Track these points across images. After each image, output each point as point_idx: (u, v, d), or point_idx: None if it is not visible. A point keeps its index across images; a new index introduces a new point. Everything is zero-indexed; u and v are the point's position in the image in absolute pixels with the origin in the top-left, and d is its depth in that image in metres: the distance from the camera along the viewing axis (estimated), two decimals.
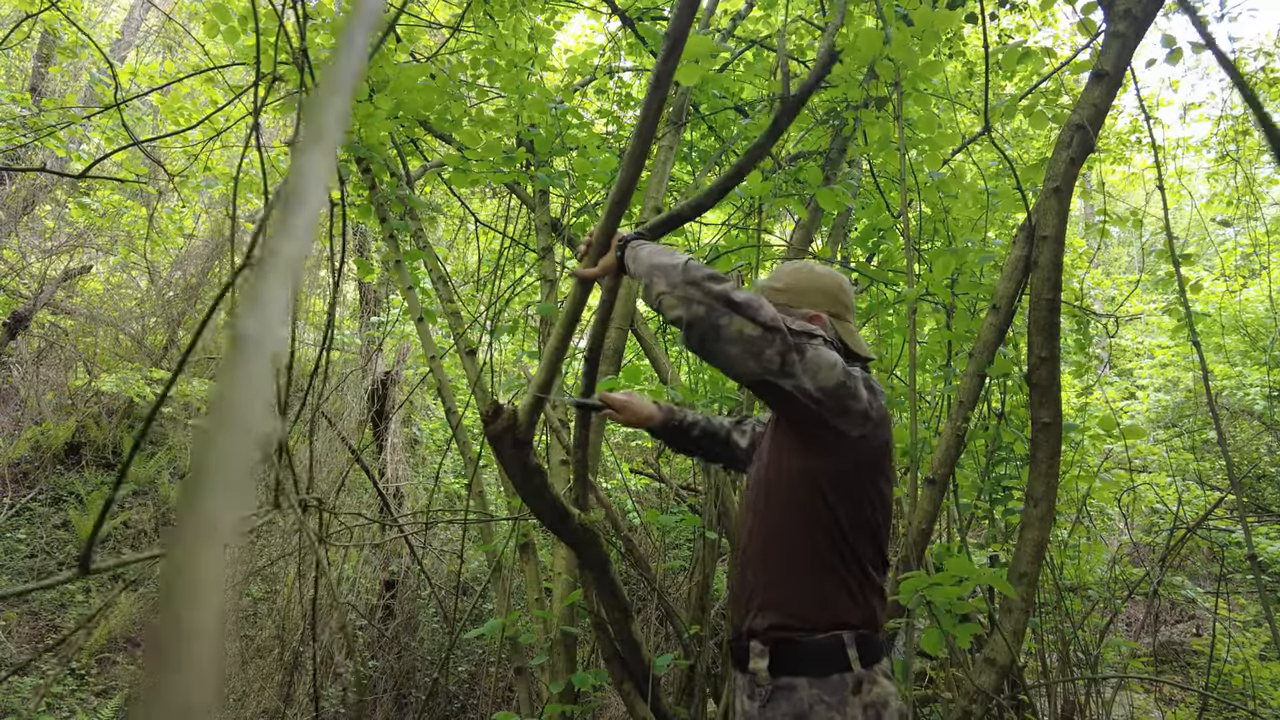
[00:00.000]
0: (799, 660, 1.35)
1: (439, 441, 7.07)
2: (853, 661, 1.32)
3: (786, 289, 1.54)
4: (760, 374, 1.28)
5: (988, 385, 2.88)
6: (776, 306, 1.50)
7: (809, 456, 1.38)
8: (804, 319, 1.48)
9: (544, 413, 2.78)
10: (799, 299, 1.52)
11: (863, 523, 1.38)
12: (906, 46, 2.27)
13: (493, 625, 2.62)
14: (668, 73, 1.33)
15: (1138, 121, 6.56)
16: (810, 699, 1.32)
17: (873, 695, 1.31)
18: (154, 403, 1.55)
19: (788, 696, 1.34)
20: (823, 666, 1.33)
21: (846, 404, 1.33)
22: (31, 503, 5.41)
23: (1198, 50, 2.51)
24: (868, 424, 1.36)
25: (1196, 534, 3.56)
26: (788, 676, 1.35)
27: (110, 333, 6.74)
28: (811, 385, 1.29)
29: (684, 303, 1.31)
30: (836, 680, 1.32)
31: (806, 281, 1.54)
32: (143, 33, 9.02)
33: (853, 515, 1.37)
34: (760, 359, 1.27)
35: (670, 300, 1.33)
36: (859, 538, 1.38)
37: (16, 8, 4.24)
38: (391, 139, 3.19)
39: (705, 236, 4.41)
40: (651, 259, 1.40)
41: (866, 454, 1.38)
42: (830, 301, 1.52)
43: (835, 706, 1.30)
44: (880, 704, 1.31)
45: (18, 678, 4.20)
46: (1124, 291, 6.53)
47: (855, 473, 1.37)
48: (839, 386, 1.32)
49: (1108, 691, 3.53)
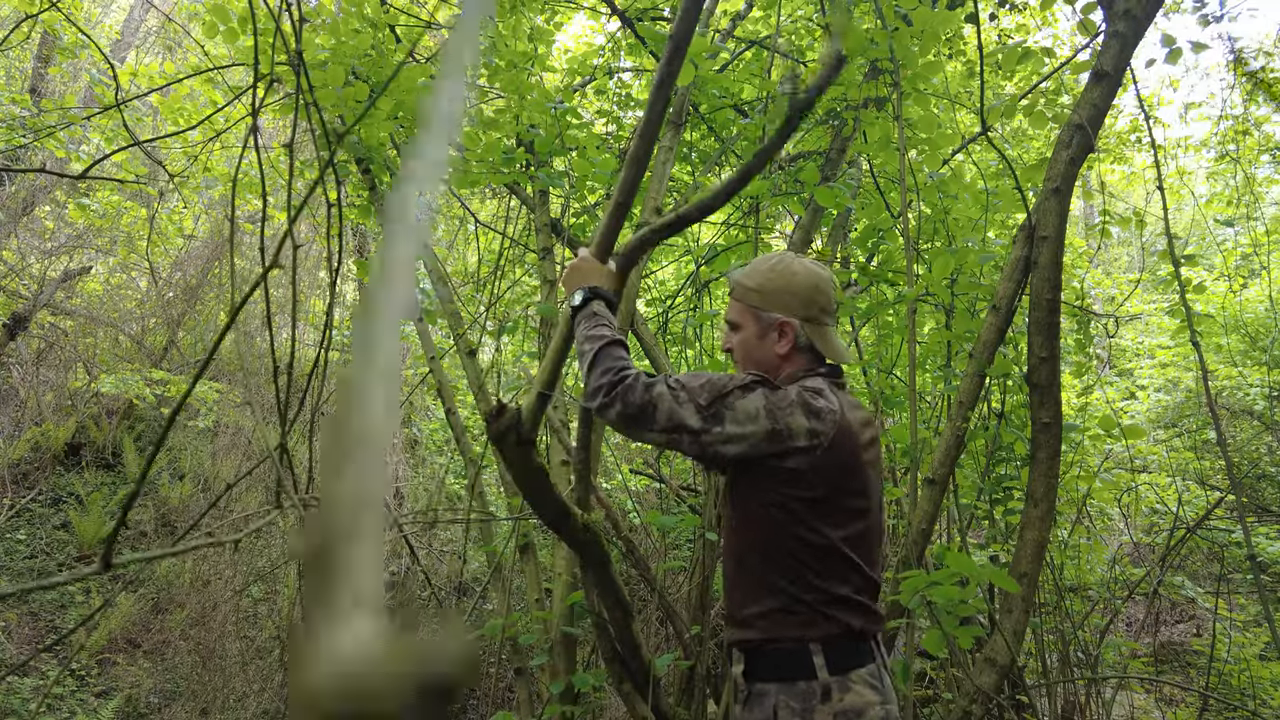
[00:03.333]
0: (767, 667, 1.36)
1: (438, 442, 7.07)
2: (819, 669, 1.31)
3: (759, 289, 1.52)
4: (694, 459, 1.39)
5: (988, 385, 2.88)
6: (745, 306, 1.53)
7: (759, 491, 1.38)
8: (771, 325, 1.50)
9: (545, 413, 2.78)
10: (769, 302, 1.51)
11: (828, 548, 1.35)
12: (906, 46, 2.27)
13: (493, 626, 2.62)
14: (672, 74, 1.32)
15: (1137, 121, 6.56)
16: (777, 704, 1.33)
17: (845, 703, 1.30)
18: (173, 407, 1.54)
19: (759, 702, 1.36)
20: (788, 673, 1.33)
21: (782, 446, 1.33)
22: (31, 503, 5.41)
23: (1198, 50, 2.51)
24: (814, 452, 1.33)
25: (1196, 534, 3.55)
26: (760, 683, 1.37)
27: (110, 333, 6.74)
28: (742, 448, 1.33)
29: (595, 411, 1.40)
30: (803, 687, 1.31)
31: (780, 283, 1.51)
32: (142, 33, 9.02)
33: (816, 541, 1.35)
34: (680, 448, 1.35)
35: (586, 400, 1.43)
36: (825, 561, 1.35)
37: (16, 8, 4.24)
38: (391, 139, 3.19)
39: (705, 236, 4.41)
40: (578, 343, 1.48)
41: (824, 477, 1.35)
42: (803, 305, 1.49)
43: (800, 713, 1.30)
44: (854, 712, 1.29)
45: (18, 679, 4.19)
46: (1124, 291, 6.53)
47: (811, 499, 1.35)
48: (769, 435, 1.32)
49: (1108, 692, 3.53)
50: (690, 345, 3.98)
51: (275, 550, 5.04)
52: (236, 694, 4.16)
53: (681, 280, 4.69)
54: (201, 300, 7.01)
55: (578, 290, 1.53)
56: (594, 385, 1.39)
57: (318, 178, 1.71)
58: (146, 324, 6.94)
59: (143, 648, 4.72)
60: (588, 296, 1.52)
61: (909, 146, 2.75)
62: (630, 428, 1.35)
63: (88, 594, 4.97)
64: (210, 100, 3.78)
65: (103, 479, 5.79)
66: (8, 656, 4.31)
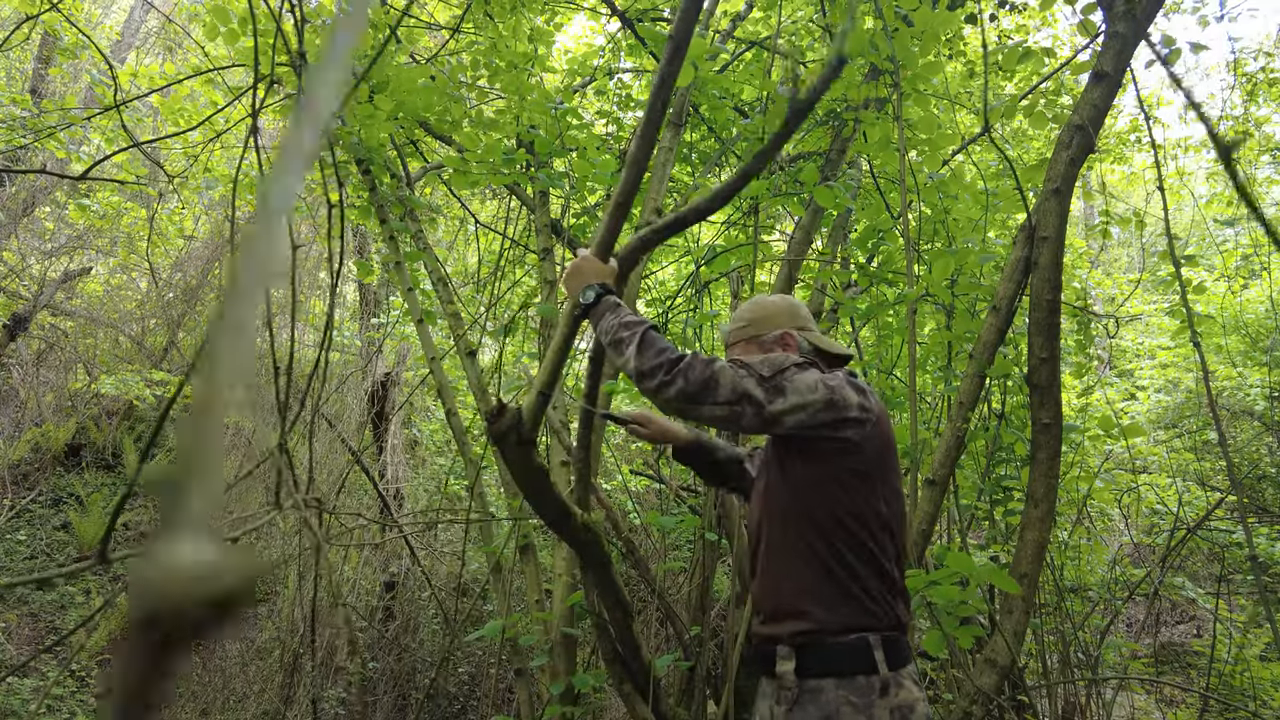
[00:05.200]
0: (825, 662, 1.35)
1: (439, 443, 7.07)
2: (879, 664, 1.32)
3: (750, 322, 1.63)
4: (750, 433, 1.39)
5: (988, 386, 2.87)
6: (746, 340, 1.62)
7: (815, 465, 1.41)
8: (775, 341, 1.59)
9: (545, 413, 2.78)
10: (764, 325, 1.62)
11: (878, 520, 1.40)
12: (906, 47, 2.27)
13: (493, 627, 2.62)
14: (671, 75, 1.34)
15: (1137, 121, 6.56)
16: (837, 700, 1.31)
17: (899, 699, 1.31)
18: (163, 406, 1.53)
19: (814, 699, 1.34)
20: (848, 668, 1.33)
21: (840, 415, 1.38)
22: (31, 504, 5.41)
23: (1197, 51, 2.51)
24: (865, 425, 1.40)
25: (1197, 535, 3.55)
26: (814, 679, 1.35)
27: (110, 334, 6.74)
28: (803, 417, 1.36)
29: (649, 392, 1.39)
30: (863, 682, 1.31)
31: (764, 309, 1.65)
32: (143, 34, 9.02)
33: (866, 514, 1.39)
34: (740, 424, 1.36)
35: (639, 383, 1.40)
36: (876, 536, 1.39)
37: (17, 9, 4.24)
38: (392, 140, 3.19)
39: (705, 237, 4.41)
40: (608, 334, 1.46)
41: (871, 453, 1.41)
42: (790, 318, 1.63)
43: (862, 709, 1.30)
44: (907, 708, 1.31)
45: (18, 680, 4.19)
46: (1124, 292, 6.53)
47: (863, 472, 1.40)
48: (827, 404, 1.37)
49: (1108, 692, 3.53)
50: (690, 346, 3.98)
51: (275, 551, 5.04)
52: (236, 695, 4.16)
53: (681, 281, 4.69)
54: (201, 301, 7.01)
55: (588, 287, 1.53)
56: (649, 365, 1.38)
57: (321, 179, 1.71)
58: (146, 325, 6.94)
59: None
60: (601, 292, 1.52)
61: (909, 147, 2.75)
62: (690, 403, 1.36)
63: (87, 595, 4.97)
64: (210, 101, 3.78)
65: (103, 480, 5.79)
66: (8, 657, 4.30)
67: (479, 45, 3.40)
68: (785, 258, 3.33)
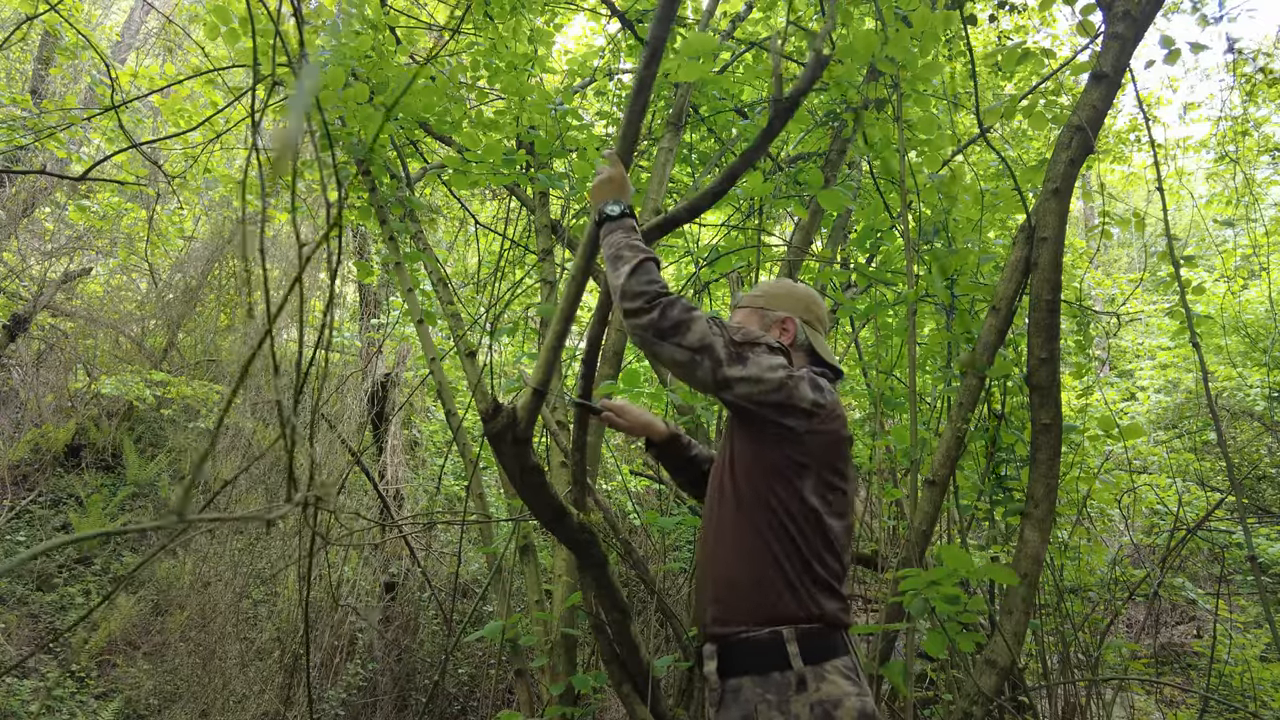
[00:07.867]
0: (741, 658, 1.35)
1: (439, 444, 7.07)
2: (793, 658, 1.30)
3: (765, 295, 1.67)
4: (699, 388, 1.41)
5: (988, 387, 2.87)
6: (751, 309, 1.64)
7: (758, 444, 1.44)
8: (776, 322, 1.61)
9: (542, 415, 2.78)
10: (774, 304, 1.64)
11: (806, 510, 1.40)
12: (906, 48, 2.27)
13: (493, 627, 2.62)
14: (649, 78, 1.41)
15: (1137, 120, 6.56)
16: (754, 698, 1.31)
17: (822, 693, 1.28)
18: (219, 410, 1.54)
19: (735, 698, 1.34)
20: (762, 664, 1.32)
21: (788, 401, 1.40)
22: (31, 505, 5.41)
23: (1196, 51, 2.51)
24: (813, 419, 1.42)
25: (1197, 535, 3.55)
26: (734, 678, 1.35)
27: (110, 335, 6.74)
28: (752, 390, 1.39)
29: (627, 313, 1.41)
30: (778, 679, 1.30)
31: (782, 290, 1.68)
32: (143, 35, 9.03)
33: (792, 503, 1.39)
34: (694, 377, 1.39)
35: (620, 300, 1.43)
36: (801, 527, 1.39)
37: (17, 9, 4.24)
38: (391, 141, 3.19)
39: (705, 237, 4.41)
40: (613, 248, 1.47)
41: (815, 447, 1.42)
42: (802, 308, 1.64)
43: (777, 705, 1.28)
44: (830, 703, 1.27)
45: (17, 680, 4.19)
46: (1124, 292, 6.53)
47: (801, 463, 1.41)
48: (779, 387, 1.40)
49: (1108, 693, 3.53)
50: None
51: (275, 552, 5.04)
52: (236, 696, 4.16)
53: (682, 281, 4.69)
54: (201, 302, 7.01)
55: (616, 201, 1.53)
56: (634, 289, 1.40)
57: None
58: (146, 325, 6.94)
59: (142, 649, 4.71)
60: (626, 210, 1.52)
61: (909, 148, 2.75)
62: (658, 338, 1.38)
63: (87, 595, 4.97)
64: (210, 102, 3.78)
65: (103, 480, 5.79)
66: (7, 658, 4.30)
67: (479, 46, 3.40)
68: (785, 258, 3.33)
